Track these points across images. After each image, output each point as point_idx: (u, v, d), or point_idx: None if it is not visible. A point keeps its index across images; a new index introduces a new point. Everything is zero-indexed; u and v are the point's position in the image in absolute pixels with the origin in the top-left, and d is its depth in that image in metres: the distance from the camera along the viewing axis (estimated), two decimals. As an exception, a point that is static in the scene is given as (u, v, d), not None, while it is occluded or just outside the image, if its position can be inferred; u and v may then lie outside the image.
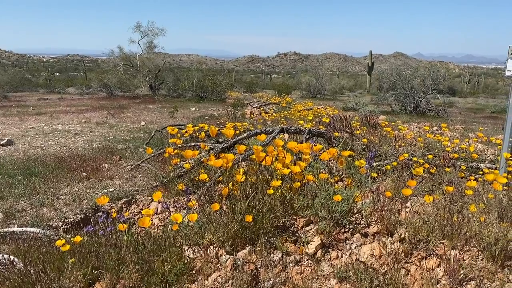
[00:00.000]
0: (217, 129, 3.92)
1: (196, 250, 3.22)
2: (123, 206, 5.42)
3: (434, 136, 7.24)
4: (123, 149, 8.56)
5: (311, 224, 3.50)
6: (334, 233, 3.29)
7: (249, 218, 3.11)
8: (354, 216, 3.56)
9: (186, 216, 3.31)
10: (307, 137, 5.98)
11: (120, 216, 3.39)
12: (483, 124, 14.57)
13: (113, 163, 7.28)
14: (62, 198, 5.51)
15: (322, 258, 3.11)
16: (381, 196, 3.58)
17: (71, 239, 3.17)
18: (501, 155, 4.94)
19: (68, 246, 2.94)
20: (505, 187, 4.05)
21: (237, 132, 7.29)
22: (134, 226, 4.37)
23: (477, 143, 7.22)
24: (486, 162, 5.76)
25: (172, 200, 5.12)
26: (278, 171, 3.47)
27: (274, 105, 17.65)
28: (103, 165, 7.12)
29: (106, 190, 5.80)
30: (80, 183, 6.14)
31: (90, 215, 5.04)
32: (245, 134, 6.18)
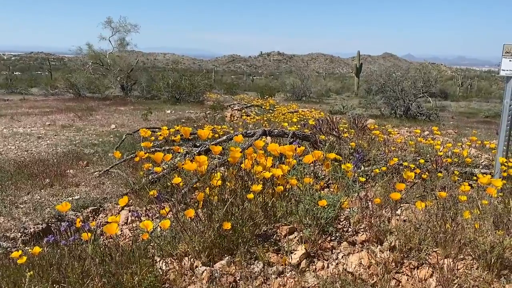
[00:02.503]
0: (190, 129, 3.87)
1: (169, 262, 3.15)
2: (90, 215, 5.30)
3: (425, 141, 7.33)
4: (91, 154, 8.42)
5: (295, 232, 3.48)
6: (319, 242, 3.27)
7: (227, 225, 3.06)
8: (341, 223, 3.55)
9: (158, 225, 3.25)
10: (291, 141, 5.97)
11: (85, 225, 3.30)
12: (476, 129, 14.84)
13: (79, 169, 7.14)
14: (22, 206, 5.35)
15: (307, 269, 3.08)
16: (370, 202, 3.58)
17: (30, 250, 3.07)
18: (495, 160, 5.02)
19: (25, 258, 2.84)
20: (500, 193, 4.12)
21: (216, 135, 7.24)
22: (102, 237, 4.28)
23: (470, 148, 7.34)
24: (480, 167, 5.85)
25: (144, 208, 5.03)
26: (259, 174, 3.44)
27: (256, 108, 17.65)
28: (68, 171, 6.97)
29: (71, 198, 5.67)
30: (42, 190, 5.98)
31: (53, 225, 4.91)
32: (225, 137, 6.14)
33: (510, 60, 4.70)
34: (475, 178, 5.13)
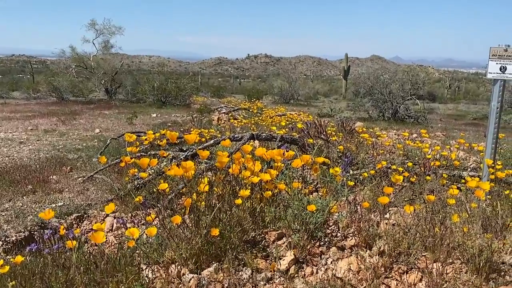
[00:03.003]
0: (177, 133, 3.86)
1: (155, 269, 3.13)
2: (74, 222, 5.24)
3: (414, 143, 7.40)
4: (75, 159, 8.34)
5: (284, 238, 3.48)
6: (308, 247, 3.28)
7: (215, 232, 3.06)
8: (330, 228, 3.57)
9: (144, 231, 3.23)
10: (279, 144, 5.99)
11: (69, 233, 3.27)
12: (464, 131, 15.04)
13: (63, 175, 7.07)
14: (3, 214, 5.28)
15: (296, 275, 3.08)
16: (359, 206, 3.61)
17: (12, 259, 3.02)
18: (483, 162, 5.08)
19: (7, 268, 2.80)
20: (488, 196, 4.17)
21: (203, 139, 7.22)
22: (86, 244, 4.24)
23: (458, 151, 7.44)
24: (469, 170, 5.92)
25: (130, 215, 5.00)
26: (247, 179, 3.44)
27: (244, 111, 17.68)
28: (51, 177, 6.89)
29: (54, 205, 5.61)
30: (24, 197, 5.91)
31: (35, 232, 4.85)
32: (212, 141, 6.14)
33: (497, 63, 4.78)
34: (463, 181, 5.20)
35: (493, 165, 4.82)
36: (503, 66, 4.76)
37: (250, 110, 17.87)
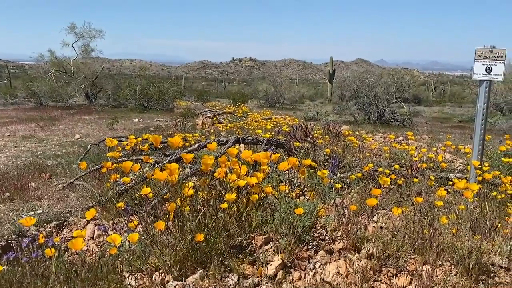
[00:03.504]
0: (160, 137, 3.82)
1: (138, 277, 3.08)
2: (54, 230, 5.15)
3: (400, 146, 7.46)
4: (54, 166, 8.22)
5: (271, 242, 3.46)
6: (296, 251, 3.26)
7: (200, 237, 3.02)
8: (317, 232, 3.56)
9: (127, 238, 3.18)
10: (265, 148, 5.98)
11: (48, 241, 3.20)
12: (450, 133, 15.23)
13: (41, 182, 6.95)
14: (-21, 223, 5.16)
15: (284, 280, 3.06)
16: (346, 209, 3.61)
17: (-13, 269, 2.95)
18: (470, 164, 5.13)
19: (-18, 278, 2.73)
20: (475, 198, 4.21)
21: (187, 144, 7.18)
22: (66, 253, 4.16)
23: (445, 153, 7.51)
24: (456, 172, 5.98)
25: (111, 221, 4.93)
26: (233, 183, 3.42)
27: (228, 115, 17.65)
28: (29, 184, 6.77)
29: (33, 212, 5.50)
30: (1, 205, 5.79)
31: (13, 241, 4.74)
32: (196, 145, 6.10)
33: (482, 64, 4.84)
34: (450, 183, 5.24)
35: (480, 166, 4.88)
36: (488, 67, 4.82)
37: (235, 114, 17.86)
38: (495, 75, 4.86)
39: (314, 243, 3.41)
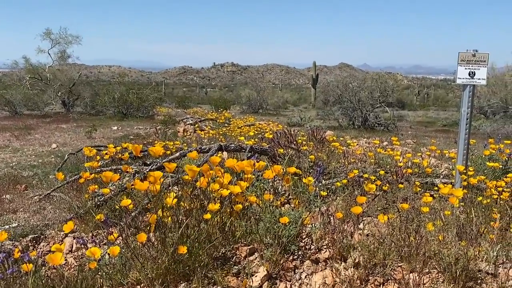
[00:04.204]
0: (140, 146, 3.79)
1: (119, 292, 3.04)
2: (30, 244, 5.05)
3: (385, 151, 7.53)
4: (30, 177, 8.10)
5: (256, 253, 3.45)
6: (281, 262, 3.26)
7: (182, 249, 2.99)
8: (303, 241, 3.56)
9: (107, 251, 3.13)
10: (249, 155, 5.97)
11: (24, 255, 3.14)
12: (435, 138, 15.44)
13: (17, 194, 6.84)
14: (-50, 238, 5.04)
15: (269, 292, 3.06)
16: (332, 217, 3.62)
17: (-41, 288, 2.88)
18: (455, 169, 5.21)
19: (-46, 297, 2.66)
20: (461, 203, 4.27)
21: (169, 152, 7.13)
22: (44, 267, 4.09)
23: (430, 158, 7.60)
24: (441, 177, 6.05)
25: (90, 234, 4.86)
26: (216, 193, 3.40)
27: (211, 122, 17.63)
28: (4, 196, 6.66)
29: (8, 226, 5.40)
30: (-27, 219, 5.68)
31: (-14, 257, 4.64)
32: (178, 154, 6.06)
33: (465, 68, 4.92)
34: (436, 188, 5.30)
35: (465, 171, 4.95)
36: (472, 71, 4.91)
37: (218, 121, 17.84)
38: (478, 79, 4.95)
39: (299, 252, 3.41)
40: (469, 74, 4.92)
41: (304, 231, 3.69)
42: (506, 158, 6.10)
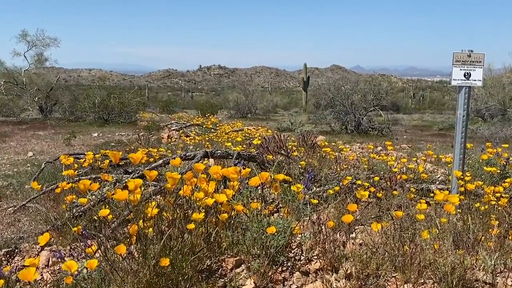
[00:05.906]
0: (120, 153, 3.76)
1: (98, 308, 3.01)
2: (3, 258, 4.99)
3: (379, 157, 7.57)
4: (4, 187, 8.02)
5: (243, 265, 3.43)
6: (270, 274, 3.24)
7: (165, 262, 2.97)
8: (292, 251, 3.55)
9: (84, 265, 3.10)
10: (236, 162, 5.96)
11: (-4, 271, 3.10)
12: (431, 142, 15.55)
13: (-11, 205, 6.76)
14: None
15: (257, 305, 3.04)
16: (323, 226, 3.61)
17: None
18: (452, 174, 5.24)
19: None
20: (458, 210, 4.29)
21: (152, 159, 7.10)
22: (18, 283, 4.04)
23: (426, 163, 7.65)
24: (437, 183, 6.09)
25: (68, 247, 4.81)
26: (200, 202, 3.38)
27: (197, 127, 17.58)
28: (-25, 208, 6.58)
29: (-21, 240, 5.33)
30: None
31: (-44, 274, 4.57)
32: (161, 161, 6.04)
33: (460, 69, 4.96)
34: (432, 194, 5.33)
35: (462, 177, 4.97)
36: (467, 72, 4.95)
37: (204, 126, 17.81)
38: (474, 80, 4.99)
39: (289, 264, 3.41)
40: (465, 75, 4.97)
41: (294, 241, 3.69)
42: (504, 163, 6.15)
